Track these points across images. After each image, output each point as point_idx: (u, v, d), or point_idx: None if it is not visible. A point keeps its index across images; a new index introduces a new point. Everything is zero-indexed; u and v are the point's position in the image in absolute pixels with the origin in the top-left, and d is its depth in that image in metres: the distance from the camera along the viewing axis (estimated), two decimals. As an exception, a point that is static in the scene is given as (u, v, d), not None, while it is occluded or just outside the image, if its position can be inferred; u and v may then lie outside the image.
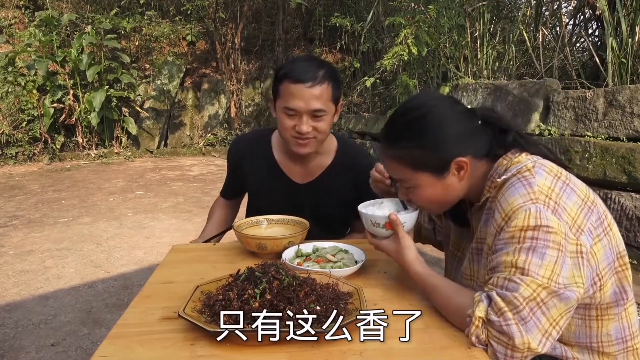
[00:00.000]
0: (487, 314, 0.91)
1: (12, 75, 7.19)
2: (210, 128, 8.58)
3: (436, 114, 1.06)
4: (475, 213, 1.14)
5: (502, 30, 5.59)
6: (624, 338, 1.04)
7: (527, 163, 1.01)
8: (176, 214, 4.63)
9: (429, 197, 1.09)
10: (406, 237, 1.12)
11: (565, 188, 0.97)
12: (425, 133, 1.05)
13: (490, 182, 1.05)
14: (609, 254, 1.00)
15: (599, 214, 0.99)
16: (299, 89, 1.41)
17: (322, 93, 1.43)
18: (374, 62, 6.52)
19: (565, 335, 1.04)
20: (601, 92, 3.52)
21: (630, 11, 3.92)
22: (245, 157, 1.69)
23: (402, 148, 1.07)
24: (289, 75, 1.43)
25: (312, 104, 1.42)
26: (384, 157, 1.13)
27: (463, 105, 1.11)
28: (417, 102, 1.12)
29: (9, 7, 8.56)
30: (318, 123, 1.46)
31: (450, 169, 1.05)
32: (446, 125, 1.05)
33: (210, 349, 0.90)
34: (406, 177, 1.09)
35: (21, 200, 5.25)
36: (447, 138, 1.04)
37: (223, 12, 8.49)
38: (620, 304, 1.03)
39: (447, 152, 1.04)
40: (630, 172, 3.15)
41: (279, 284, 0.97)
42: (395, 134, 1.09)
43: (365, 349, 0.89)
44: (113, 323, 1.01)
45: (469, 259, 1.14)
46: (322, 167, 1.63)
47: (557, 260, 0.89)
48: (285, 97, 1.44)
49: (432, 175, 1.06)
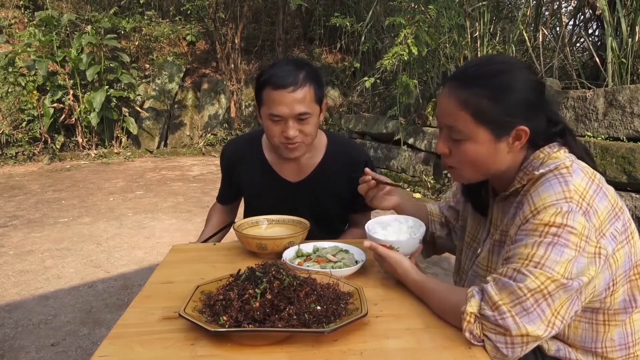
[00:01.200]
0: (480, 309, 0.91)
1: (12, 75, 7.19)
2: (210, 128, 8.58)
3: (518, 75, 1.02)
4: (500, 202, 1.12)
5: (502, 30, 5.59)
6: (627, 344, 1.04)
7: (565, 161, 0.99)
8: (176, 214, 4.63)
9: (475, 155, 1.03)
10: (392, 253, 1.14)
11: (598, 192, 0.96)
12: (500, 88, 1.00)
13: (524, 173, 1.03)
14: (627, 262, 0.99)
15: (624, 221, 0.98)
16: (282, 95, 1.41)
17: (304, 96, 1.43)
18: (374, 62, 6.52)
19: (572, 337, 1.04)
20: (601, 92, 3.52)
21: (630, 11, 3.92)
22: (238, 160, 1.70)
23: (472, 93, 1.00)
24: (270, 81, 1.43)
25: (296, 108, 1.42)
26: (446, 98, 1.04)
27: (538, 76, 1.08)
28: (501, 58, 1.10)
29: (9, 7, 8.56)
30: (304, 126, 1.46)
31: (511, 135, 1.01)
32: (522, 88, 1.00)
33: (211, 349, 0.89)
34: (463, 127, 1.02)
35: (21, 200, 5.25)
36: (520, 100, 1.00)
37: (223, 12, 8.49)
38: (628, 311, 1.02)
39: (514, 114, 1.00)
40: (630, 172, 3.15)
41: (280, 283, 0.96)
42: (470, 76, 1.03)
43: (365, 349, 0.89)
44: (113, 323, 1.01)
45: (489, 249, 1.12)
46: (314, 164, 1.64)
47: (572, 259, 0.88)
48: (269, 104, 1.45)
49: (491, 134, 1.01)
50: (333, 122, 7.81)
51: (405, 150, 5.78)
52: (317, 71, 1.51)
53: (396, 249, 1.18)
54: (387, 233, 1.26)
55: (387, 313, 1.03)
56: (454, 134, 1.04)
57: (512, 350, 0.88)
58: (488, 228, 1.16)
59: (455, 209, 1.38)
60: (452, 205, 1.40)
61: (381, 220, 1.31)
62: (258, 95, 1.49)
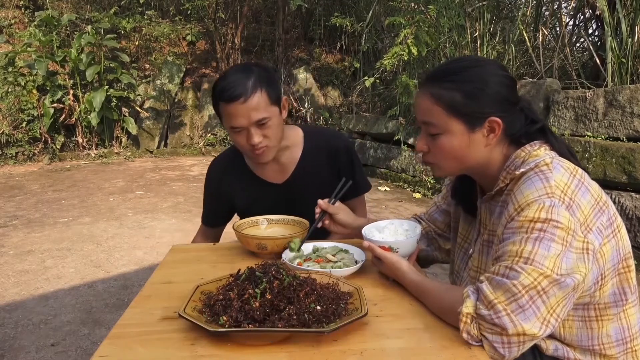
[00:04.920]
0: (476, 309, 0.91)
1: (12, 75, 7.19)
2: (210, 128, 8.58)
3: (486, 69, 1.07)
4: (487, 202, 1.14)
5: (502, 30, 5.59)
6: (624, 339, 1.04)
7: (545, 158, 1.01)
8: (176, 214, 4.63)
9: (452, 148, 1.07)
10: (390, 255, 1.15)
11: (580, 186, 0.97)
12: (471, 80, 1.05)
13: (506, 172, 1.06)
14: (615, 255, 1.00)
15: (610, 215, 1.00)
16: (235, 108, 1.41)
17: (258, 102, 1.42)
18: (374, 62, 6.52)
19: (568, 337, 1.04)
20: (601, 92, 3.52)
21: (630, 11, 3.92)
22: (223, 175, 1.70)
23: (444, 88, 1.06)
24: (222, 96, 1.43)
25: (253, 116, 1.42)
26: (421, 94, 1.11)
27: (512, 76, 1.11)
28: (472, 57, 1.16)
29: (9, 7, 8.56)
30: (266, 130, 1.46)
31: (484, 126, 1.05)
32: (492, 82, 1.05)
33: (210, 349, 0.89)
34: (438, 120, 1.07)
35: (21, 200, 5.25)
36: (490, 93, 1.05)
37: (223, 12, 8.49)
38: (619, 304, 1.03)
39: (486, 106, 1.04)
40: (630, 172, 3.15)
41: (280, 283, 0.97)
42: (441, 74, 1.09)
43: (365, 349, 0.89)
44: (113, 323, 1.01)
45: (479, 250, 1.14)
46: (295, 161, 1.64)
47: (560, 253, 0.89)
48: (226, 117, 1.45)
49: (464, 125, 1.05)
50: (333, 122, 7.81)
51: (405, 150, 5.78)
52: (267, 71, 1.50)
53: (395, 250, 1.19)
54: (384, 236, 1.29)
55: (387, 313, 1.03)
56: (431, 128, 1.09)
57: (509, 350, 0.88)
58: (478, 228, 1.18)
59: (447, 212, 1.41)
60: (444, 208, 1.43)
61: (377, 224, 1.34)
62: (216, 110, 1.50)
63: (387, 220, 1.36)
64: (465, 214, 1.27)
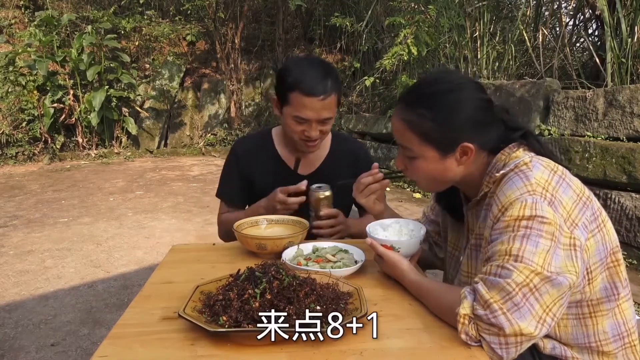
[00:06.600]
0: (473, 309, 0.91)
1: (12, 75, 7.19)
2: (210, 128, 8.58)
3: (461, 95, 1.07)
4: (473, 208, 1.15)
5: (502, 30, 5.59)
6: (620, 335, 1.04)
7: (524, 158, 1.02)
8: (176, 214, 4.63)
9: (426, 171, 1.11)
10: (392, 254, 1.16)
11: (561, 182, 0.98)
12: (443, 109, 1.06)
13: (489, 177, 1.07)
14: (602, 250, 1.01)
15: (594, 209, 1.00)
16: (312, 102, 1.49)
17: (331, 103, 1.52)
18: (374, 62, 6.52)
19: (564, 336, 1.04)
20: (601, 92, 3.52)
21: (630, 11, 3.92)
22: (250, 153, 1.75)
23: (417, 114, 1.07)
24: (301, 87, 1.48)
25: (322, 114, 1.52)
26: (396, 118, 1.13)
27: (487, 94, 1.12)
28: (448, 77, 1.14)
29: (9, 7, 8.56)
30: (325, 127, 1.56)
31: (456, 152, 1.07)
32: (466, 108, 1.06)
33: (210, 349, 0.90)
34: (411, 144, 1.09)
35: (21, 200, 5.25)
36: (463, 121, 1.06)
37: (223, 12, 8.49)
38: (611, 299, 1.03)
39: (458, 134, 1.06)
40: (630, 172, 3.15)
41: (279, 283, 0.96)
42: (415, 98, 1.10)
43: (365, 349, 0.89)
44: (113, 323, 1.01)
45: (468, 255, 1.15)
46: (322, 157, 1.74)
47: (549, 249, 0.90)
48: (297, 106, 1.51)
49: (436, 152, 1.07)
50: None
51: (405, 150, 5.77)
52: (339, 76, 1.60)
53: (397, 249, 1.19)
54: (388, 234, 1.29)
55: (387, 313, 1.03)
56: (406, 151, 1.12)
57: (506, 350, 0.89)
58: (466, 235, 1.19)
59: (436, 222, 1.42)
60: (432, 218, 1.44)
61: (382, 222, 1.33)
62: (283, 94, 1.54)
63: (392, 219, 1.35)
64: (453, 222, 1.28)
